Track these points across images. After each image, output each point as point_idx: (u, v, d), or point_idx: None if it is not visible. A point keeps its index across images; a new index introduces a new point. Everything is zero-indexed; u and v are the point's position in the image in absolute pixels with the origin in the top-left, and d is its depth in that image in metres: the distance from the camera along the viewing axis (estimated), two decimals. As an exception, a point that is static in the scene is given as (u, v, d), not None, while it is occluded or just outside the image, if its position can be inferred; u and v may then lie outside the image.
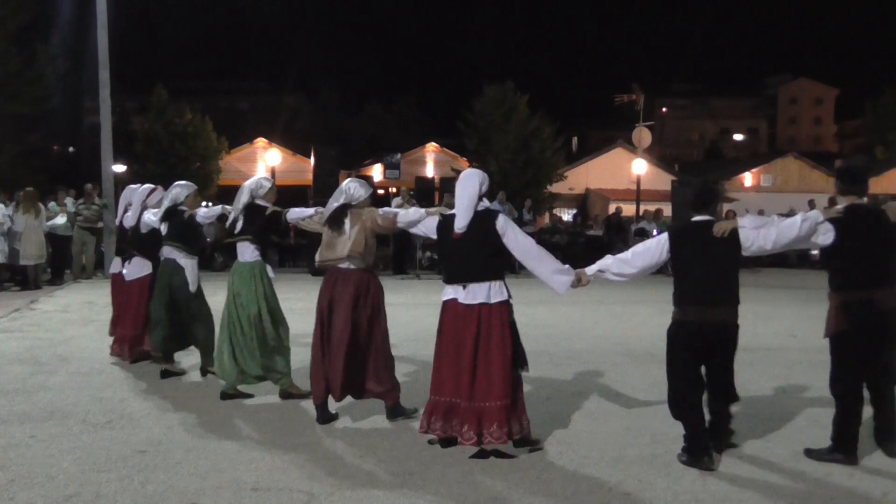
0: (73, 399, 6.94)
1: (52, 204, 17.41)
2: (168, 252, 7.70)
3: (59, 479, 4.94)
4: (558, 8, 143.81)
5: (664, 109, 68.49)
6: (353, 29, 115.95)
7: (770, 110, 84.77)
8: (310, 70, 78.86)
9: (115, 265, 9.18)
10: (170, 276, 7.66)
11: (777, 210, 27.25)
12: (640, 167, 29.71)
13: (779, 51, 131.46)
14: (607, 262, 5.63)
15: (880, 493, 4.91)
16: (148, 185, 8.60)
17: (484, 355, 5.35)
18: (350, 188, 6.21)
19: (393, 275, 18.84)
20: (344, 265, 6.07)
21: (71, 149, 46.59)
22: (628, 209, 28.57)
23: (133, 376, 7.89)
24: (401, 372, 6.76)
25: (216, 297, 7.80)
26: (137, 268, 8.43)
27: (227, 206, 7.45)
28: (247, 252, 6.91)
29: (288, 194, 32.46)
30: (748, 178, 39.42)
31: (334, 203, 6.20)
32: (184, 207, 7.70)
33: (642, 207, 26.34)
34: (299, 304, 13.42)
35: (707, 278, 5.26)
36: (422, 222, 5.80)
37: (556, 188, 32.40)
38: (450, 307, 5.51)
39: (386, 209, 6.34)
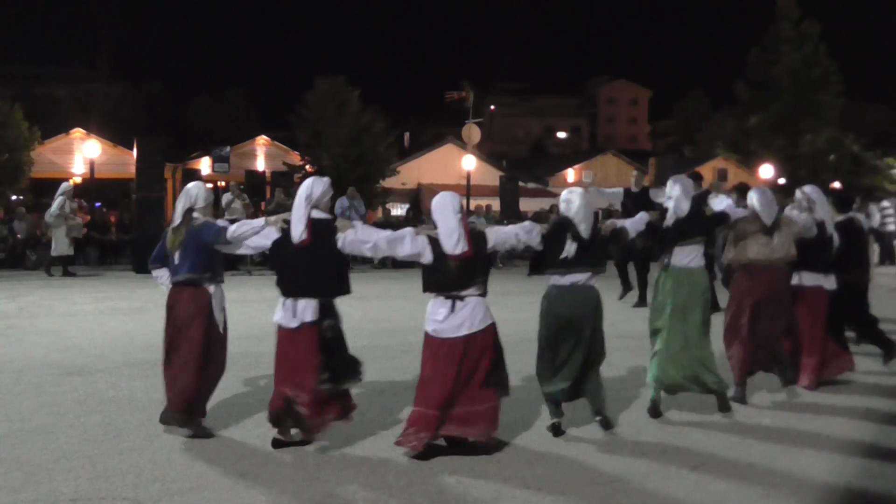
0: None
1: None
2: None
3: None
4: (391, 3, 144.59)
5: (493, 107, 70.18)
6: (182, 18, 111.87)
7: (591, 110, 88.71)
8: (134, 59, 75.23)
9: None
10: (592, 301, 5.98)
11: (594, 206, 28.71)
12: (469, 163, 30.43)
13: (600, 53, 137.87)
14: None
15: (689, 467, 5.30)
16: (323, 178, 5.62)
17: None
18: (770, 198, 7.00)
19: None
20: (777, 264, 7.05)
21: None
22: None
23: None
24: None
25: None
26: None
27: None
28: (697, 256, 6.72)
29: (108, 188, 31.11)
30: (570, 174, 41.18)
31: (682, 210, 6.58)
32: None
33: (472, 202, 26.94)
34: (122, 303, 12.87)
35: None
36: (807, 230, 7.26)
37: (389, 183, 32.58)
38: None
39: (802, 217, 7.32)
